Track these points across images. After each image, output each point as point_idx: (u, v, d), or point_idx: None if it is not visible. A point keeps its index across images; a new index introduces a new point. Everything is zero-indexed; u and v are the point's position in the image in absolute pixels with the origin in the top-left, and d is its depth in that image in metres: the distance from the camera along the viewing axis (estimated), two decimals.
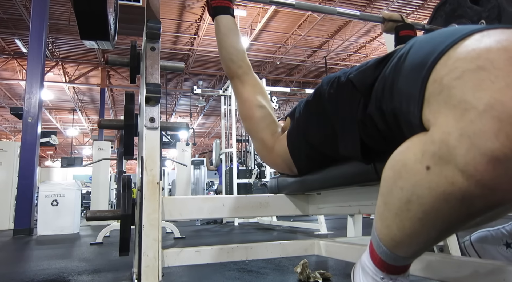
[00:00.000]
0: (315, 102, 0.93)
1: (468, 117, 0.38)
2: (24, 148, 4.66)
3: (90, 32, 0.95)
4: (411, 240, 0.51)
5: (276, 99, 5.80)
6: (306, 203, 1.33)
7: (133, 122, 1.32)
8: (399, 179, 0.48)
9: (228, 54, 1.17)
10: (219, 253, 1.15)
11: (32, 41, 4.91)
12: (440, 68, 0.45)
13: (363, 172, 0.83)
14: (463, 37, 0.45)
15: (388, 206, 0.52)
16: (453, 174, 0.40)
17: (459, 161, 0.39)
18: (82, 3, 0.86)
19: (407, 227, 0.49)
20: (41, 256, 2.43)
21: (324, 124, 0.88)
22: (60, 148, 18.30)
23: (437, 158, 0.42)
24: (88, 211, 1.24)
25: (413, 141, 0.47)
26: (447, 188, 0.41)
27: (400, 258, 0.56)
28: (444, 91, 0.43)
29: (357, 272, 0.66)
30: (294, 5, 1.34)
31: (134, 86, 8.36)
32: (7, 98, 12.74)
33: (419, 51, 0.52)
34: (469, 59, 0.42)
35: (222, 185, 5.85)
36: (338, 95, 0.82)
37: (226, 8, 1.17)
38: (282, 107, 13.68)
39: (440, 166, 0.41)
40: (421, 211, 0.46)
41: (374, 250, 0.59)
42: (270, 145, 1.14)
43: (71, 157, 13.30)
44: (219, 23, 1.17)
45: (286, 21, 9.03)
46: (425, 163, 0.43)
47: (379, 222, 0.56)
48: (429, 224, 0.47)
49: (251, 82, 1.18)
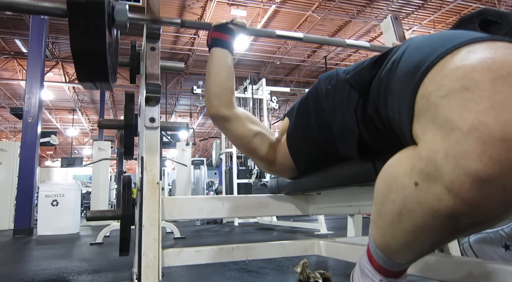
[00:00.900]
0: (313, 100, 0.93)
1: (453, 137, 0.39)
2: (24, 148, 4.66)
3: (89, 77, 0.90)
4: (405, 249, 0.52)
5: (276, 99, 5.80)
6: (306, 203, 1.33)
7: (133, 122, 1.32)
8: (390, 192, 0.49)
9: (213, 87, 1.07)
10: (219, 253, 1.15)
11: (32, 41, 4.91)
12: (428, 83, 0.45)
13: (363, 172, 0.83)
14: (450, 51, 0.45)
15: (381, 215, 0.52)
16: (440, 191, 0.41)
17: (445, 179, 0.40)
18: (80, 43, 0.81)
19: (400, 237, 0.50)
20: (41, 256, 2.43)
21: (322, 121, 0.88)
22: (60, 148, 18.30)
23: (424, 174, 0.42)
24: (88, 211, 1.24)
25: (403, 155, 0.48)
26: (434, 205, 0.42)
27: (396, 264, 0.57)
28: (431, 109, 0.43)
29: (356, 274, 0.66)
30: (302, 39, 1.24)
31: (134, 86, 8.37)
32: (7, 98, 12.73)
33: (411, 58, 0.52)
34: (454, 78, 0.42)
35: (222, 185, 5.85)
36: (335, 93, 0.82)
37: (225, 42, 1.09)
38: (282, 107, 13.67)
39: (428, 183, 0.42)
40: (412, 224, 0.47)
41: (372, 255, 0.60)
42: (271, 158, 1.12)
43: (71, 157, 13.29)
44: (214, 55, 1.09)
45: (286, 21, 9.02)
46: (413, 178, 0.44)
47: (374, 229, 0.56)
48: (421, 236, 0.48)
49: (238, 117, 1.09)
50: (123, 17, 0.92)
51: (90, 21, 0.78)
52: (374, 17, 8.48)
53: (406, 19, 8.63)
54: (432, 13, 8.47)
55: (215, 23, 1.11)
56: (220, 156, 5.83)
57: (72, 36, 0.80)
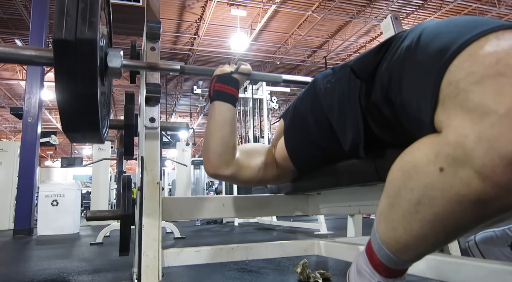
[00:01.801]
0: (310, 99, 0.92)
1: (487, 121, 0.39)
2: (24, 148, 4.65)
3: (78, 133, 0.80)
4: (417, 243, 0.51)
5: (276, 99, 5.80)
6: (306, 203, 1.33)
7: (133, 122, 1.32)
8: (409, 180, 0.48)
9: (216, 148, 0.99)
10: (219, 253, 1.15)
11: (32, 41, 4.91)
12: (455, 70, 0.45)
13: (363, 172, 0.83)
14: (478, 37, 0.45)
15: (395, 207, 0.51)
16: (468, 175, 0.40)
17: (476, 162, 0.39)
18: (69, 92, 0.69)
19: (414, 229, 0.49)
20: (41, 256, 2.43)
21: (320, 120, 0.87)
22: (60, 148, 18.29)
23: (451, 159, 0.42)
24: (88, 211, 1.24)
25: (424, 142, 0.47)
26: (461, 190, 0.41)
27: (401, 262, 0.56)
28: (461, 95, 0.43)
29: (352, 275, 0.65)
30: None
31: (134, 86, 8.37)
32: (7, 98, 12.73)
33: (430, 45, 0.51)
34: (487, 64, 0.42)
35: (222, 185, 5.84)
36: (334, 89, 0.81)
37: (229, 96, 1.00)
38: (282, 107, 13.67)
39: (455, 168, 0.41)
40: (432, 213, 0.46)
41: (374, 253, 0.58)
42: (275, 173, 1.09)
43: (71, 157, 13.28)
44: (216, 109, 1.00)
45: (286, 21, 9.02)
46: (438, 164, 0.43)
47: (383, 225, 0.55)
48: (439, 226, 0.47)
49: (239, 166, 1.02)
50: (117, 63, 0.82)
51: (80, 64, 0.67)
52: (374, 17, 8.47)
53: (406, 19, 8.63)
54: (432, 13, 8.47)
55: (219, 73, 1.03)
56: None
57: (58, 83, 0.68)
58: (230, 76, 1.01)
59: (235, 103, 1.03)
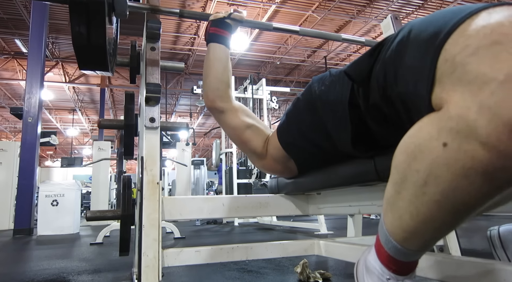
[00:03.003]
0: (306, 100, 0.94)
1: (488, 89, 0.38)
2: (24, 148, 4.65)
3: (89, 64, 0.95)
4: (425, 228, 0.50)
5: (276, 99, 5.80)
6: (306, 203, 1.33)
7: (133, 122, 1.32)
8: (414, 161, 0.47)
9: (210, 82, 1.12)
10: (219, 253, 1.15)
11: (32, 41, 4.91)
12: (450, 47, 0.45)
13: (363, 172, 0.83)
14: (469, 16, 0.45)
15: (401, 194, 0.50)
16: (473, 147, 0.39)
17: (480, 133, 0.38)
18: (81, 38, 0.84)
19: (422, 213, 0.48)
20: (41, 256, 2.43)
21: (315, 121, 0.89)
22: (60, 148, 18.29)
23: (454, 133, 0.41)
24: (88, 211, 1.24)
25: (425, 121, 0.46)
26: (467, 163, 0.40)
27: (409, 253, 0.55)
28: (458, 69, 0.42)
29: (361, 272, 0.64)
30: (298, 32, 1.28)
31: (134, 86, 8.36)
32: (7, 98, 12.73)
33: (422, 33, 0.51)
34: (481, 35, 0.41)
35: (222, 185, 5.84)
36: (329, 92, 0.83)
37: (222, 38, 1.12)
38: (282, 107, 13.67)
39: (459, 141, 0.40)
40: (439, 192, 0.44)
41: (382, 247, 0.58)
42: (264, 153, 1.14)
43: (71, 157, 13.28)
44: (210, 50, 1.12)
45: (286, 21, 9.02)
46: (441, 139, 0.42)
47: (389, 214, 0.54)
48: (447, 205, 0.45)
49: (233, 109, 1.14)
50: (123, 5, 0.95)
51: (91, 7, 0.80)
52: (374, 17, 8.48)
53: (406, 19, 8.63)
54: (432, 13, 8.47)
55: (213, 18, 1.12)
56: (220, 156, 5.83)
57: (72, 24, 0.82)
58: (223, 20, 1.11)
59: (229, 45, 1.14)
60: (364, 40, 1.42)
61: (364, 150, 0.78)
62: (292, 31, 1.27)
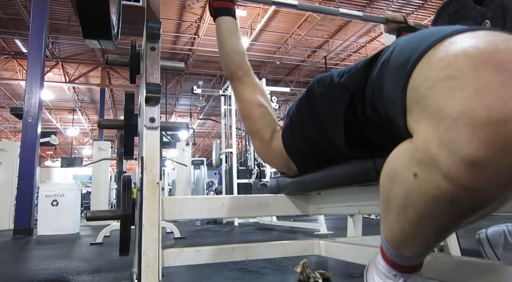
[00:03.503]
0: (307, 100, 0.95)
1: (444, 126, 0.40)
2: (24, 148, 4.65)
3: (92, 31, 0.96)
4: (413, 241, 0.53)
5: (276, 99, 5.80)
6: (306, 203, 1.33)
7: (133, 122, 1.32)
8: (394, 186, 0.50)
9: (228, 55, 1.17)
10: (219, 253, 1.15)
11: (32, 41, 4.91)
12: (416, 77, 0.47)
13: (363, 172, 0.83)
14: (434, 44, 0.47)
15: (389, 210, 0.54)
16: (438, 179, 0.42)
17: (442, 166, 0.41)
18: (84, 2, 0.86)
19: (407, 230, 0.52)
20: (41, 256, 2.43)
21: (316, 122, 0.90)
22: (60, 148, 18.30)
23: (422, 164, 0.44)
24: (88, 211, 1.24)
25: (401, 148, 0.50)
26: (435, 192, 0.43)
27: (407, 258, 0.58)
28: (421, 101, 0.45)
29: (370, 271, 0.67)
30: (296, 6, 1.35)
31: (134, 86, 8.36)
32: (7, 98, 12.74)
33: (399, 56, 0.53)
34: (439, 68, 0.43)
35: (222, 185, 5.84)
36: (329, 96, 0.84)
37: (228, 10, 1.17)
38: (282, 107, 13.67)
39: (426, 172, 0.43)
40: (417, 215, 0.48)
41: (384, 251, 0.61)
42: (269, 143, 1.15)
43: (71, 157, 13.29)
44: (220, 24, 1.17)
45: (286, 21, 9.03)
46: (412, 169, 0.45)
47: (384, 226, 0.58)
48: (426, 226, 0.49)
49: (251, 83, 1.19)
50: None
51: None
52: None
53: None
54: (432, 13, 8.48)
55: None
56: (220, 156, 5.83)
57: None
58: None
59: (235, 15, 1.20)
60: (362, 15, 1.48)
61: (361, 151, 0.80)
62: (290, 5, 1.36)
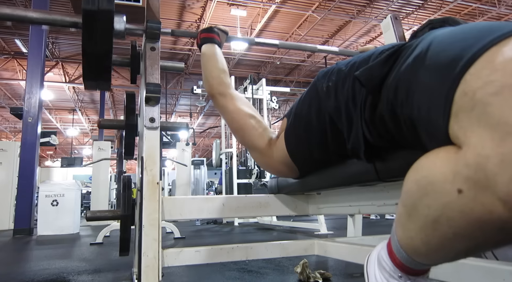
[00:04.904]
0: (312, 99, 0.91)
1: (510, 143, 0.34)
2: (24, 148, 4.65)
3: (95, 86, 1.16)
4: (436, 255, 0.48)
5: (276, 99, 5.80)
6: (306, 203, 1.33)
7: (133, 122, 1.32)
8: (425, 196, 0.44)
9: (209, 72, 1.20)
10: (219, 253, 1.15)
11: (32, 41, 4.91)
12: (471, 79, 0.40)
13: (363, 172, 0.83)
14: (498, 41, 0.40)
15: (412, 218, 0.48)
16: (491, 201, 0.36)
17: (500, 189, 0.35)
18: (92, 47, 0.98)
19: (433, 244, 0.46)
20: (41, 256, 2.43)
21: (323, 120, 0.86)
22: (60, 148, 18.29)
23: (472, 182, 0.38)
24: (88, 211, 1.24)
25: (440, 158, 0.43)
26: (483, 216, 0.37)
27: (420, 264, 0.54)
28: (478, 108, 0.38)
29: (372, 264, 0.62)
30: (278, 45, 1.49)
31: (134, 86, 8.36)
32: (7, 98, 12.73)
33: (443, 52, 0.47)
34: (509, 71, 0.37)
35: (222, 185, 5.84)
36: (337, 90, 0.80)
37: (211, 39, 1.25)
38: (282, 107, 13.67)
39: (475, 192, 0.37)
40: (451, 232, 0.42)
41: (393, 252, 0.56)
42: (269, 153, 1.10)
43: (71, 157, 13.29)
44: (204, 51, 1.23)
45: (286, 21, 9.02)
46: (456, 185, 0.39)
47: (400, 231, 0.52)
48: (458, 245, 0.43)
49: (234, 95, 1.18)
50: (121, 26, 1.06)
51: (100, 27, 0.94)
52: (374, 17, 8.47)
53: (406, 19, 8.63)
54: (432, 13, 8.47)
55: (201, 29, 1.27)
56: (220, 156, 5.83)
57: (84, 41, 0.96)
58: (211, 28, 1.26)
59: (220, 45, 1.26)
60: (337, 50, 1.57)
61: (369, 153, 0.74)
62: (273, 44, 1.48)
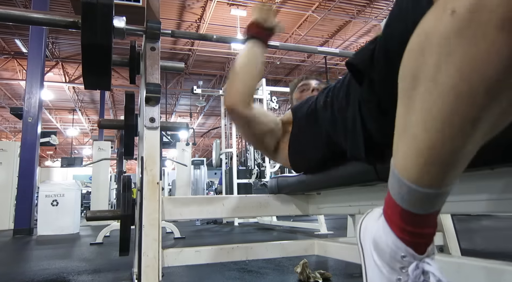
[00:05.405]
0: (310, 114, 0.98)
1: None
2: (24, 148, 4.66)
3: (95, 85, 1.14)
4: (442, 142, 0.42)
5: (276, 99, 5.80)
6: (306, 203, 1.33)
7: (133, 122, 1.32)
8: (421, 54, 0.42)
9: (239, 84, 1.08)
10: (219, 253, 1.15)
11: (32, 41, 4.91)
12: None
13: (363, 172, 0.83)
14: None
15: (412, 109, 0.44)
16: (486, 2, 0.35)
17: None
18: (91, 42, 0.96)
19: (436, 117, 0.41)
20: (41, 256, 2.43)
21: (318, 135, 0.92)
22: (60, 148, 18.29)
23: (462, 3, 0.37)
24: (88, 211, 1.24)
25: (428, 12, 0.42)
26: (481, 17, 0.36)
27: (425, 196, 0.46)
28: None
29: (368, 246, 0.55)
30: (278, 47, 1.44)
31: (134, 86, 8.37)
32: (7, 98, 12.73)
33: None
34: None
35: (222, 185, 5.84)
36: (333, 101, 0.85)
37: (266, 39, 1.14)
38: (282, 107, 13.67)
39: (469, 12, 0.36)
40: (455, 70, 0.38)
41: (393, 201, 0.50)
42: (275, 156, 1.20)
43: (71, 157, 13.29)
44: (251, 48, 1.10)
45: (286, 21, 9.02)
46: (448, 10, 0.38)
47: (399, 148, 0.47)
48: (465, 89, 0.38)
49: (254, 116, 1.09)
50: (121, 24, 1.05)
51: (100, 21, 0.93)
52: (374, 17, 8.47)
53: None
54: None
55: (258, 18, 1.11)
56: (220, 156, 5.83)
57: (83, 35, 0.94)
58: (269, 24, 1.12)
59: (266, 48, 1.14)
60: (338, 52, 1.56)
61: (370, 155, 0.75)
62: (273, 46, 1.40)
